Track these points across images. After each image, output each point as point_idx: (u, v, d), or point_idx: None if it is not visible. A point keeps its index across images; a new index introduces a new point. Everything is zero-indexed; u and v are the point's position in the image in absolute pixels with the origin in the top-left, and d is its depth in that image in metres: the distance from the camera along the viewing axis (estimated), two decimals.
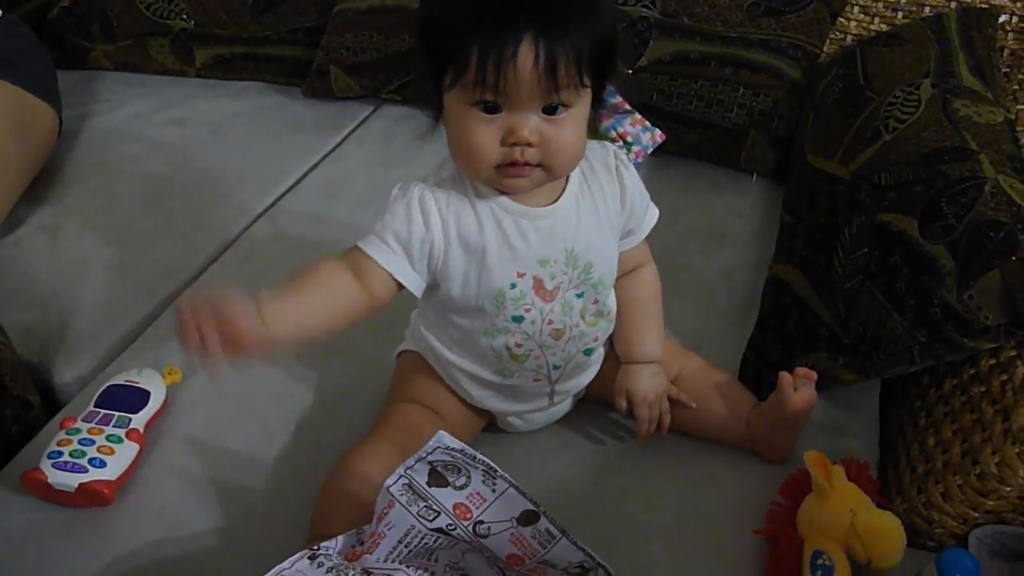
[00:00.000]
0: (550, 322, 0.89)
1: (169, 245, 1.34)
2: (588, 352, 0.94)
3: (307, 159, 1.54)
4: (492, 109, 0.75)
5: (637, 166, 1.44)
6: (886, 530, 0.80)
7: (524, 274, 0.85)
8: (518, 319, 0.87)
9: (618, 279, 0.95)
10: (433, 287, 0.88)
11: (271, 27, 1.73)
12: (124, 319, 1.21)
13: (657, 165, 1.46)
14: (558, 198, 0.85)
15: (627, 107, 1.42)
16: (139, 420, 0.99)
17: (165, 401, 1.04)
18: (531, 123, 0.75)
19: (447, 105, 0.78)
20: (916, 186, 1.01)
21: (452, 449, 0.78)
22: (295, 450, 1.00)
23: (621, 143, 1.41)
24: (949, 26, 1.33)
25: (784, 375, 0.91)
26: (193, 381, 1.08)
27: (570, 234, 0.85)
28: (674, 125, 1.43)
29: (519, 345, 0.89)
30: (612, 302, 0.94)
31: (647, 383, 0.95)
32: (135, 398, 1.01)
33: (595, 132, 1.42)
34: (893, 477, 0.97)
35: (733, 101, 1.40)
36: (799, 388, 0.91)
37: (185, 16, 1.77)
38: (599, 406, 1.03)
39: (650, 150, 1.43)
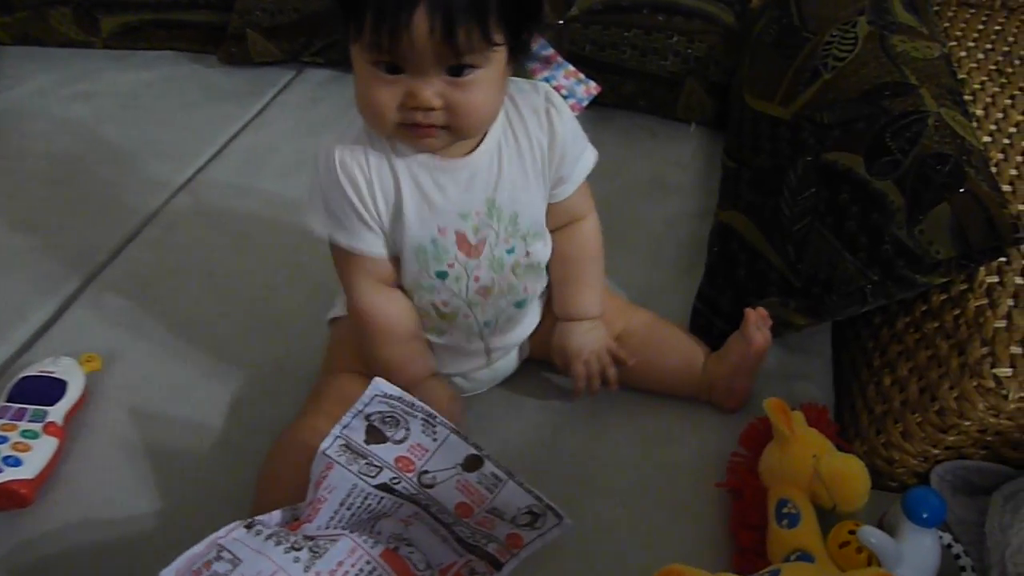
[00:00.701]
0: (476, 279, 0.85)
1: (83, 227, 1.26)
2: (519, 304, 0.91)
3: (227, 129, 1.46)
4: (393, 69, 0.71)
5: None
6: (850, 473, 0.79)
7: (445, 229, 0.82)
8: (441, 275, 0.84)
9: (555, 231, 0.91)
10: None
11: None
12: (37, 307, 1.12)
13: (593, 118, 1.41)
14: (477, 146, 0.81)
15: (559, 59, 1.38)
16: (57, 412, 0.92)
17: (85, 391, 0.97)
18: (433, 86, 0.71)
19: (353, 58, 0.74)
20: (859, 123, 0.98)
21: (390, 396, 0.75)
22: (230, 433, 0.94)
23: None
24: None
25: (749, 311, 0.90)
26: (114, 367, 1.02)
27: (491, 184, 0.81)
28: (609, 76, 1.39)
29: (445, 303, 0.86)
30: (545, 252, 0.90)
31: (581, 339, 0.92)
32: (51, 389, 0.94)
33: None
34: (850, 420, 0.96)
35: (667, 48, 1.37)
36: (759, 328, 0.90)
37: None
38: (546, 365, 0.99)
39: (585, 103, 1.39)
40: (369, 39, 0.69)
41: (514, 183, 0.82)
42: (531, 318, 0.95)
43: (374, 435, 0.76)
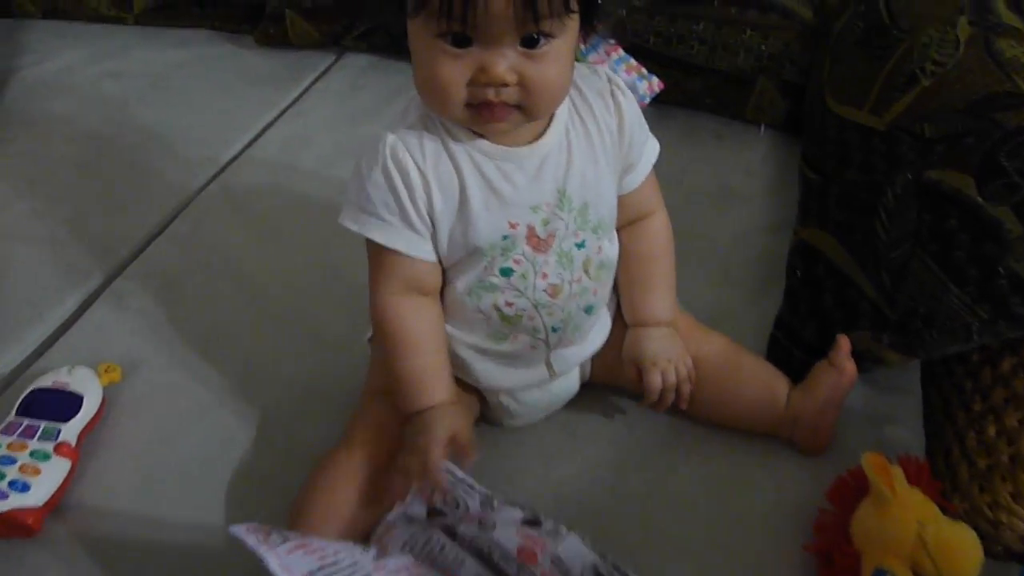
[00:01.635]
0: (544, 276, 0.77)
1: (108, 217, 1.18)
2: (589, 310, 0.82)
3: (262, 115, 1.37)
4: (461, 42, 0.65)
5: None
6: (963, 546, 0.69)
7: (516, 223, 0.74)
8: (506, 272, 0.75)
9: (623, 229, 0.84)
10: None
11: None
12: (56, 304, 1.05)
13: (655, 116, 1.26)
14: (544, 132, 0.74)
15: (621, 52, 1.28)
16: (70, 431, 0.84)
17: (102, 405, 0.89)
18: (507, 59, 0.65)
19: (411, 33, 0.67)
20: (968, 138, 0.88)
21: (454, 475, 0.70)
22: (259, 459, 0.86)
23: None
24: None
25: (843, 338, 0.83)
26: (134, 378, 0.94)
27: (560, 172, 0.75)
28: (674, 72, 1.29)
29: (509, 304, 0.77)
30: (614, 250, 0.83)
31: (657, 345, 0.84)
32: (65, 404, 0.86)
33: None
34: (946, 471, 0.85)
35: (739, 44, 1.26)
36: (850, 357, 0.84)
37: None
38: (608, 392, 0.90)
39: (647, 100, 1.29)
40: (438, 6, 0.62)
41: (584, 171, 0.76)
42: (599, 331, 0.86)
43: (432, 514, 0.72)
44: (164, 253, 1.11)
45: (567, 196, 0.75)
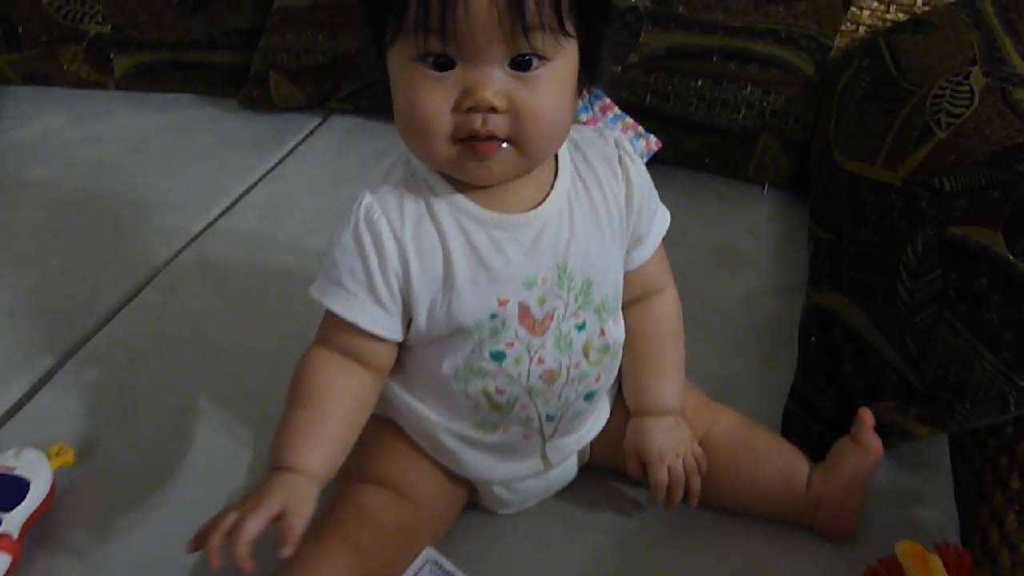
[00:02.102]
0: (540, 361, 0.69)
1: (74, 285, 1.11)
2: (589, 397, 0.74)
3: (243, 179, 1.31)
4: (444, 64, 0.58)
5: None
6: None
7: (507, 301, 0.66)
8: (497, 356, 0.67)
9: (629, 307, 0.76)
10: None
11: (200, 29, 1.51)
12: (9, 382, 0.97)
13: (653, 177, 1.23)
14: (544, 199, 0.67)
15: (616, 110, 1.23)
16: (12, 522, 0.76)
17: (52, 491, 0.81)
18: (494, 80, 0.58)
19: (391, 68, 0.61)
20: (993, 191, 0.81)
21: (442, 568, 0.64)
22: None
23: None
24: (985, 9, 1.15)
25: (865, 412, 0.75)
26: (90, 461, 0.86)
27: (561, 245, 0.67)
28: (672, 130, 1.24)
29: (500, 391, 0.69)
30: (620, 332, 0.75)
31: (664, 437, 0.75)
32: (9, 491, 0.78)
33: None
34: (983, 557, 0.77)
35: (740, 100, 1.21)
36: (875, 433, 0.75)
37: (101, 19, 1.53)
38: (609, 474, 0.82)
39: (645, 160, 1.23)
40: (414, 18, 0.56)
41: (588, 244, 0.68)
42: (599, 416, 0.78)
43: None
44: (131, 325, 1.04)
45: (568, 272, 0.67)
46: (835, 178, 1.02)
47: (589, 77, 0.64)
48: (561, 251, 0.67)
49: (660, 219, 0.76)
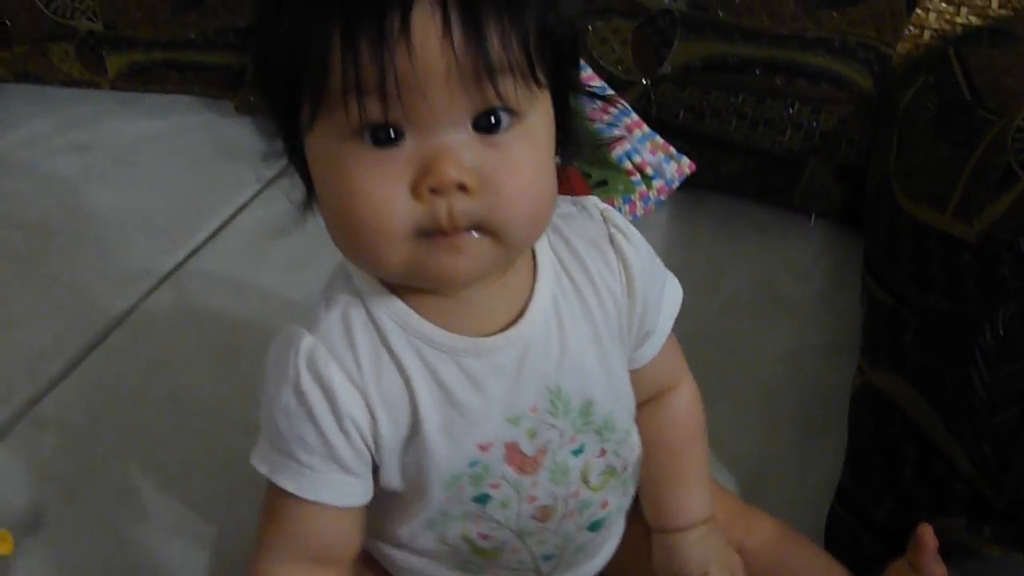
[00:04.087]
0: (532, 499, 0.56)
1: (41, 324, 1.01)
2: (595, 527, 0.61)
3: (232, 199, 1.20)
4: (385, 138, 0.44)
5: (659, 205, 1.12)
6: None
7: (489, 445, 0.53)
8: (481, 499, 0.55)
9: (639, 410, 0.62)
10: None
11: (196, 28, 1.39)
12: None
13: (683, 204, 1.12)
14: (524, 309, 0.53)
15: (645, 129, 1.09)
16: None
17: None
18: (459, 147, 0.44)
19: (312, 158, 0.47)
20: None
21: None
22: None
23: (638, 176, 1.08)
24: None
25: (926, 534, 0.61)
26: (33, 547, 0.76)
27: (551, 364, 0.53)
28: (707, 151, 1.10)
29: (485, 537, 0.57)
30: (628, 448, 0.61)
31: (700, 549, 0.63)
32: None
33: (603, 162, 1.09)
34: None
35: (785, 120, 1.06)
36: (938, 560, 0.61)
37: (92, 15, 1.42)
38: None
39: (675, 184, 1.10)
40: (340, 79, 0.42)
41: (583, 358, 0.55)
42: (611, 543, 0.66)
43: None
44: (93, 377, 0.94)
45: (562, 396, 0.54)
46: (895, 224, 0.87)
47: (566, 139, 0.50)
48: (552, 372, 0.53)
49: (669, 299, 0.61)
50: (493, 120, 0.44)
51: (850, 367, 0.85)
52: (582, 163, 1.09)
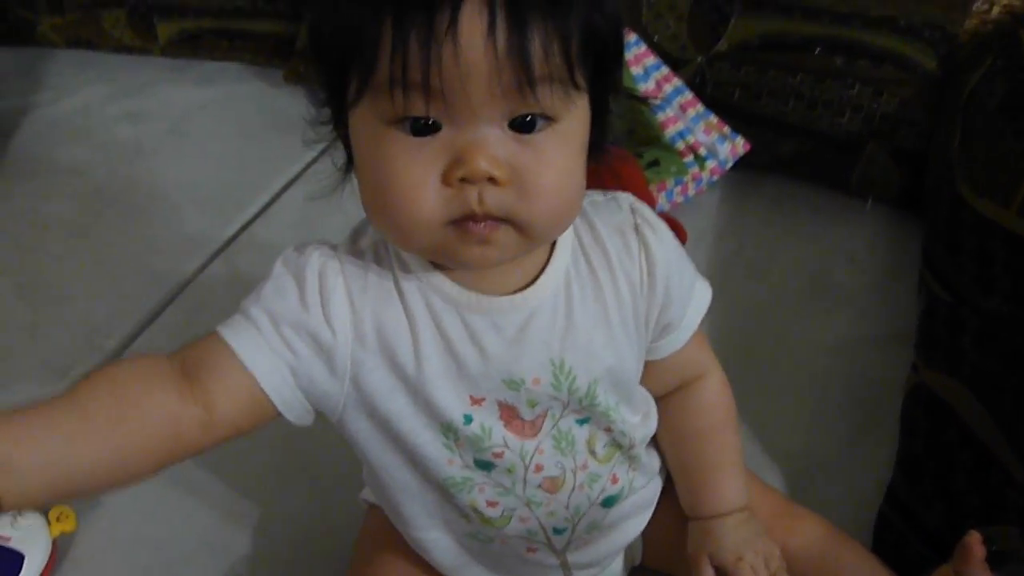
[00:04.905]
0: (539, 468, 0.57)
1: (97, 298, 1.03)
2: (608, 502, 0.61)
3: (284, 170, 1.21)
4: (424, 128, 0.46)
5: (712, 185, 1.10)
6: None
7: (482, 400, 0.54)
8: (484, 465, 0.56)
9: (665, 400, 0.64)
10: (341, 418, 0.55)
11: None
12: None
13: (737, 185, 1.11)
14: (535, 279, 0.54)
15: (700, 107, 1.07)
16: None
17: (51, 561, 0.74)
18: (491, 142, 0.46)
19: (355, 133, 0.49)
20: None
21: None
22: None
23: (691, 156, 1.06)
24: None
25: (974, 544, 0.59)
26: (94, 525, 0.78)
27: (555, 337, 0.54)
28: (762, 132, 1.08)
29: (492, 504, 0.58)
30: (640, 430, 0.61)
31: (737, 534, 0.63)
32: (2, 566, 0.71)
33: (656, 142, 1.07)
34: None
35: (845, 102, 1.04)
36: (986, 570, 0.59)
37: None
38: None
39: (729, 165, 1.08)
40: (388, 67, 0.44)
41: (590, 338, 0.55)
42: (636, 522, 0.66)
43: None
44: (151, 350, 0.95)
45: (565, 370, 0.54)
46: (957, 217, 0.85)
47: (599, 138, 0.51)
48: (556, 344, 0.54)
49: (698, 299, 0.61)
50: (528, 120, 0.46)
51: (904, 361, 0.83)
52: (634, 143, 1.07)
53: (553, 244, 0.54)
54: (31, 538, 0.74)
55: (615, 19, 0.48)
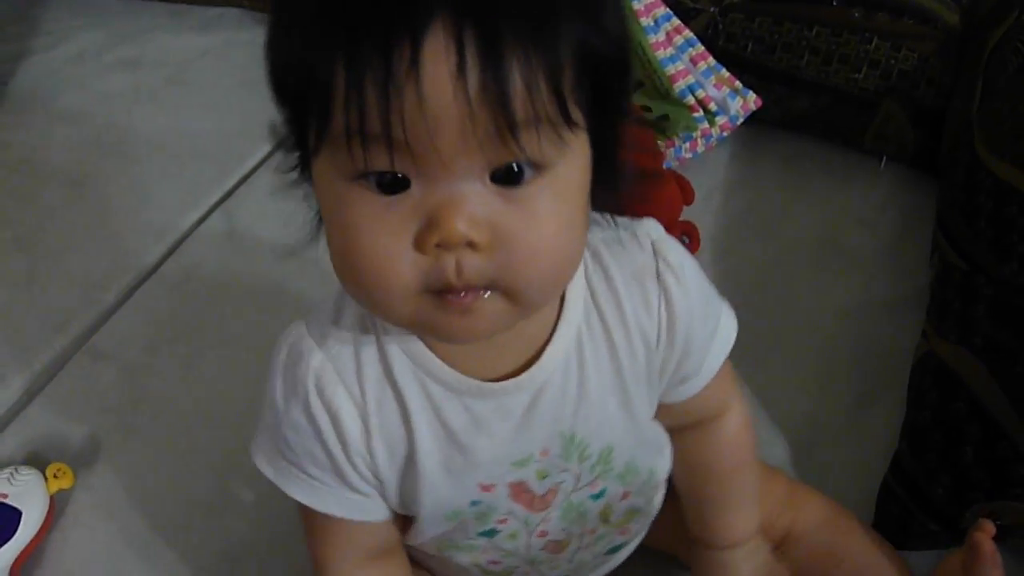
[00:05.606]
0: (543, 534, 0.55)
1: (94, 252, 1.03)
2: (615, 550, 0.62)
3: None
4: (391, 185, 0.38)
5: (722, 141, 1.07)
6: None
7: (492, 486, 0.51)
8: (488, 533, 0.54)
9: (681, 434, 0.59)
10: None
11: None
12: (13, 372, 0.89)
13: (747, 141, 1.08)
14: (543, 348, 0.48)
15: (711, 61, 1.04)
16: (3, 559, 0.69)
17: (48, 517, 0.74)
18: (469, 200, 0.38)
19: (317, 186, 0.42)
20: None
21: None
22: None
23: (701, 112, 1.03)
24: None
25: (982, 539, 0.58)
26: (92, 483, 0.78)
27: (567, 411, 0.50)
28: (776, 87, 1.04)
29: (495, 563, 0.57)
30: (658, 483, 0.60)
31: (743, 568, 0.61)
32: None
33: (665, 95, 1.04)
34: None
35: (862, 57, 1.00)
36: (995, 563, 0.58)
37: None
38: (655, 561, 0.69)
39: (740, 121, 1.05)
40: (343, 121, 0.36)
41: (604, 406, 0.50)
42: (636, 543, 0.64)
43: None
44: (148, 307, 0.95)
45: (576, 443, 0.50)
46: (974, 179, 0.82)
47: (605, 174, 0.43)
48: (567, 419, 0.49)
49: (720, 341, 0.54)
50: (514, 170, 0.38)
51: (914, 327, 0.82)
52: (642, 96, 1.04)
53: (561, 304, 0.48)
54: (29, 494, 0.74)
55: (618, 33, 0.40)
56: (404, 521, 0.55)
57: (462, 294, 0.39)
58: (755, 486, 0.62)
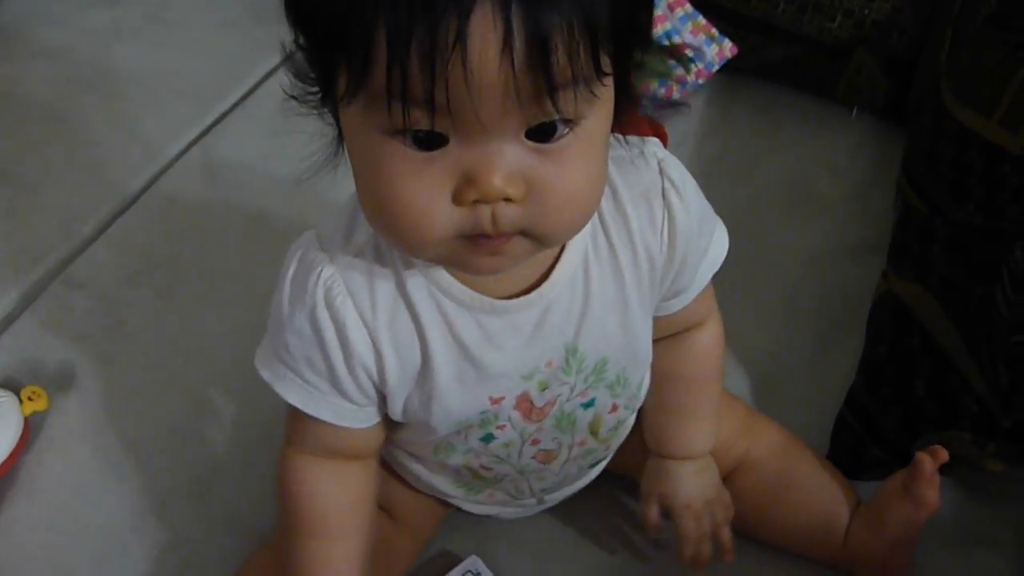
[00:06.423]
0: (535, 442, 0.58)
1: (74, 184, 1.02)
2: (597, 464, 0.66)
3: (265, 61, 1.17)
4: (430, 141, 0.40)
5: (697, 88, 1.08)
6: None
7: (501, 399, 0.54)
8: (486, 439, 0.57)
9: (657, 342, 0.60)
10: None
11: None
12: None
13: (723, 88, 1.09)
14: (551, 268, 0.51)
15: (688, 8, 1.05)
16: None
17: (22, 438, 0.75)
18: (506, 159, 0.40)
19: (349, 130, 0.43)
20: None
21: None
22: (195, 523, 0.73)
23: (675, 60, 1.03)
24: None
25: (924, 460, 0.60)
26: (68, 402, 0.81)
27: (571, 325, 0.52)
28: (751, 35, 1.05)
29: (486, 468, 0.60)
30: (643, 396, 0.62)
31: (692, 483, 0.64)
32: None
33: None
34: None
35: (836, 6, 1.01)
36: (933, 483, 0.61)
37: None
38: (620, 485, 0.72)
39: (715, 68, 1.06)
40: (385, 83, 0.37)
41: (606, 321, 0.53)
42: (607, 460, 0.68)
43: None
44: (126, 238, 0.95)
45: (578, 355, 0.53)
46: (939, 126, 0.84)
47: (624, 107, 0.45)
48: (571, 331, 0.52)
49: (712, 255, 0.58)
50: (548, 128, 0.40)
51: (877, 271, 0.84)
52: None
53: None
54: (3, 416, 0.75)
55: None
56: (394, 427, 0.57)
57: (494, 239, 0.42)
58: (717, 402, 0.65)
